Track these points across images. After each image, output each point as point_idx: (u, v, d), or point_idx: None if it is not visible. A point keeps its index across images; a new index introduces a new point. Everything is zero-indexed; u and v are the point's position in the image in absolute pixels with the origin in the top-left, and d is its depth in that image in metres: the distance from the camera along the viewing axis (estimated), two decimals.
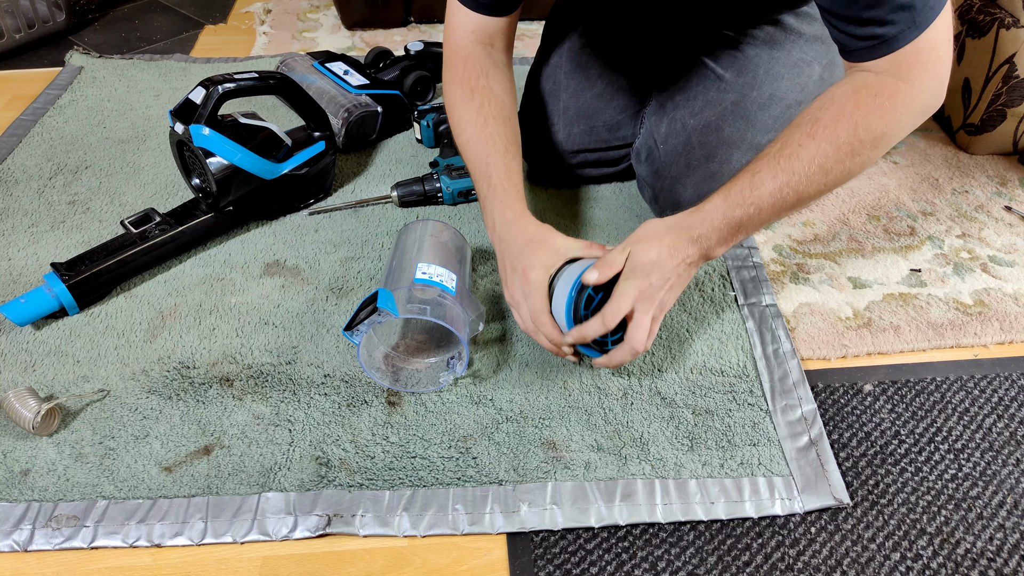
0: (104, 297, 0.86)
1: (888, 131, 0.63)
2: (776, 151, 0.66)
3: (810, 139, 0.64)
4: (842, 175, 0.65)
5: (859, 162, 0.65)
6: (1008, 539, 0.64)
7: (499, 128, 0.79)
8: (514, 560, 0.62)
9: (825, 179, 0.65)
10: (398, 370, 0.77)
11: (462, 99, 0.81)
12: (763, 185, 0.65)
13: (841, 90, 0.65)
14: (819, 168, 0.64)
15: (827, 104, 0.65)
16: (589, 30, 0.96)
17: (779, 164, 0.65)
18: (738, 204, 0.66)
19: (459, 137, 0.82)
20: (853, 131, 0.63)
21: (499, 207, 0.76)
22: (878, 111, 0.62)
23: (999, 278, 0.91)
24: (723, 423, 0.72)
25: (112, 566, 0.62)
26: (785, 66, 0.85)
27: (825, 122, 0.64)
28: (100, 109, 1.22)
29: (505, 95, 0.83)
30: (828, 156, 0.63)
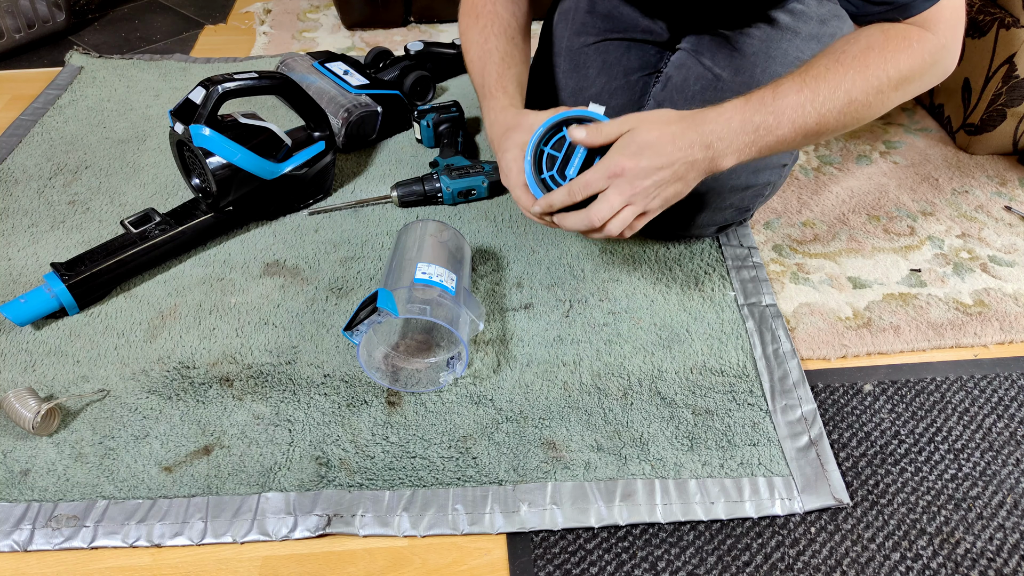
0: (104, 297, 0.86)
1: (912, 75, 0.63)
2: (802, 71, 0.64)
3: (837, 64, 0.63)
4: (864, 110, 0.64)
5: (880, 101, 0.63)
6: (1008, 539, 0.64)
7: (498, 43, 0.82)
8: (514, 560, 0.62)
9: (847, 108, 0.63)
10: (398, 370, 0.77)
11: (469, 25, 0.85)
12: (786, 96, 0.63)
13: (868, 30, 0.64)
14: (844, 94, 0.62)
15: (854, 39, 0.64)
16: (585, 30, 0.96)
17: (804, 81, 0.63)
18: (757, 109, 0.64)
19: (465, 59, 0.85)
20: (882, 66, 0.62)
21: (488, 111, 0.77)
22: (907, 51, 0.62)
23: (999, 278, 0.91)
24: (723, 423, 0.72)
25: (112, 566, 0.62)
26: (782, 65, 0.85)
27: (854, 53, 0.63)
28: (100, 109, 1.22)
29: (511, 17, 0.85)
30: (855, 84, 0.62)
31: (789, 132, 0.64)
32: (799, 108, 0.63)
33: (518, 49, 0.84)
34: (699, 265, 0.91)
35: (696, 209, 0.87)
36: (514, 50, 0.83)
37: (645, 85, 0.97)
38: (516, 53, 0.84)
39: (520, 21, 0.87)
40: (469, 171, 1.01)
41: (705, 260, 0.92)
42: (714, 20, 0.88)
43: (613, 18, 0.95)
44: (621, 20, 0.95)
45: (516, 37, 0.85)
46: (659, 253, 0.93)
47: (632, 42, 0.95)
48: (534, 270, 0.90)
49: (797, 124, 0.63)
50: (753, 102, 0.64)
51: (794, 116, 0.63)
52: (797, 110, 0.63)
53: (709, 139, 0.64)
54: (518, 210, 1.00)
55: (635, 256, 0.92)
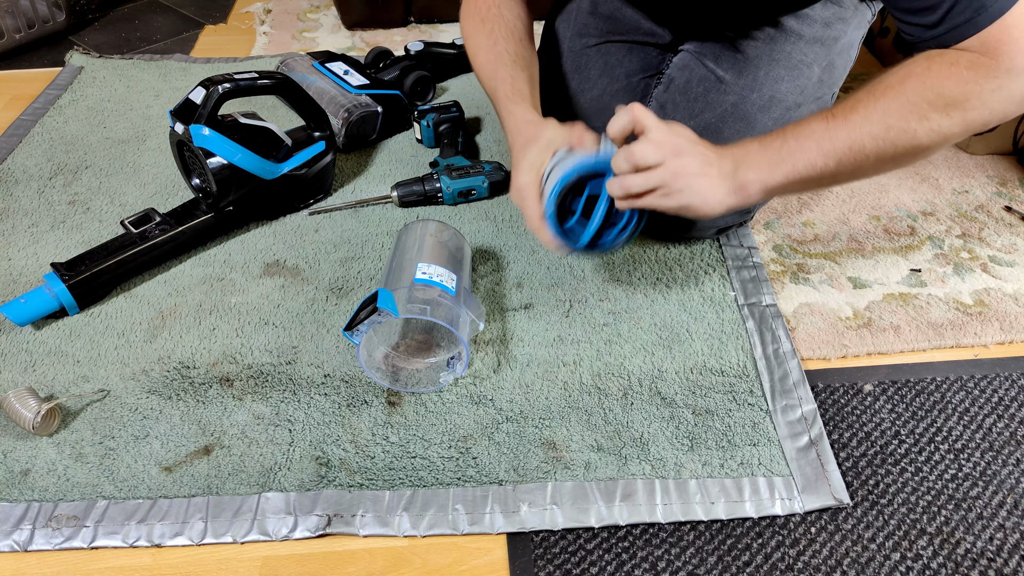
0: (104, 297, 0.86)
1: (965, 99, 0.58)
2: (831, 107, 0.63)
3: (870, 96, 0.61)
4: (906, 135, 0.60)
5: (926, 128, 0.59)
6: (1008, 539, 0.64)
7: (508, 46, 0.83)
8: (514, 560, 0.62)
9: (885, 134, 0.60)
10: (398, 370, 0.77)
11: (475, 29, 0.85)
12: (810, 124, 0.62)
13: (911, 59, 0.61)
14: (879, 120, 0.60)
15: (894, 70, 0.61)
16: (587, 31, 0.96)
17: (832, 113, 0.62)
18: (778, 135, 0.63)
19: (474, 64, 0.86)
20: (921, 92, 0.59)
21: (505, 116, 0.78)
22: (953, 77, 0.58)
23: (999, 278, 0.91)
24: (723, 423, 0.72)
25: (112, 566, 0.62)
26: (785, 68, 0.85)
27: (889, 83, 0.60)
28: (100, 109, 1.22)
29: (516, 20, 0.86)
30: (889, 111, 0.59)
31: (816, 155, 0.62)
32: (825, 133, 0.62)
33: (527, 51, 0.85)
34: (699, 265, 0.91)
35: None
36: (524, 52, 0.84)
37: (647, 87, 0.97)
38: (526, 55, 0.84)
39: (525, 23, 0.88)
40: (469, 171, 1.01)
41: (705, 260, 0.92)
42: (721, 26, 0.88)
43: (615, 20, 0.95)
44: (623, 22, 0.95)
45: (524, 39, 0.85)
46: (659, 253, 0.93)
47: (634, 44, 0.95)
48: (534, 270, 0.90)
49: (824, 148, 0.62)
50: (774, 133, 0.64)
51: (820, 140, 0.62)
52: (823, 134, 0.62)
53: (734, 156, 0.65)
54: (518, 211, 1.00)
55: (635, 256, 0.92)
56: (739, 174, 0.64)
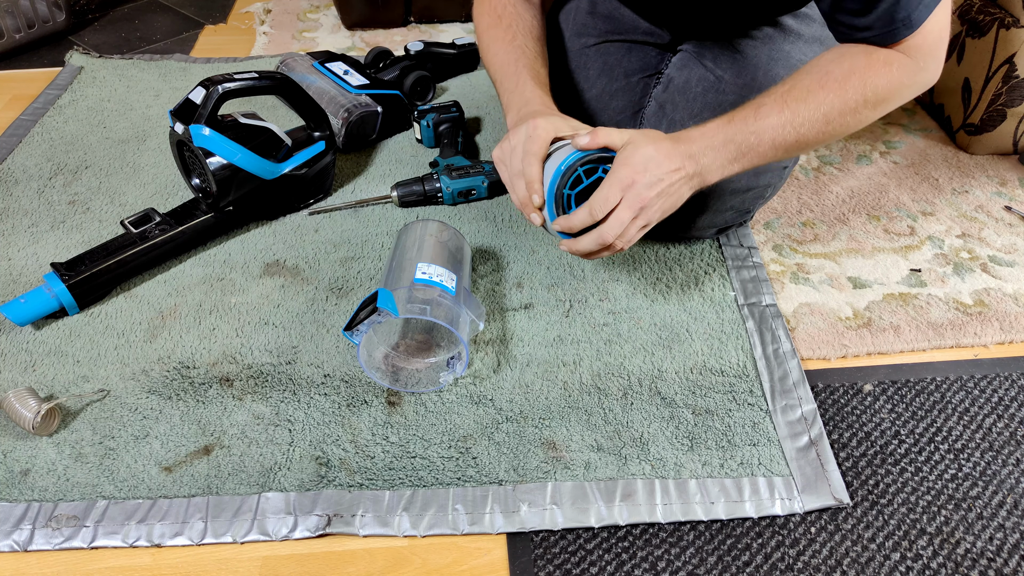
0: (104, 297, 0.86)
1: (890, 96, 0.67)
2: (784, 91, 0.68)
3: (820, 87, 0.67)
4: (841, 128, 0.68)
5: (858, 119, 0.68)
6: (1008, 539, 0.64)
7: (527, 41, 0.83)
8: (514, 560, 0.62)
9: (825, 128, 0.67)
10: (398, 370, 0.77)
11: (492, 23, 0.85)
12: (767, 117, 0.67)
13: (853, 50, 0.67)
14: (822, 116, 0.67)
15: (839, 59, 0.67)
16: (586, 31, 0.96)
17: (785, 103, 0.67)
18: (739, 129, 0.68)
19: (487, 55, 0.85)
20: (860, 90, 0.66)
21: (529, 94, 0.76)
22: (886, 76, 0.66)
23: (999, 278, 0.91)
24: (723, 423, 0.72)
25: (112, 566, 0.62)
26: (784, 68, 0.85)
27: (836, 75, 0.66)
28: (100, 109, 1.22)
29: (532, 19, 0.87)
30: (833, 107, 0.66)
31: (769, 150, 0.68)
32: (779, 128, 0.67)
33: (543, 50, 0.86)
34: (699, 265, 0.91)
35: (697, 211, 0.87)
36: (542, 50, 0.85)
37: (646, 87, 0.97)
38: (543, 53, 0.85)
39: (541, 25, 0.88)
40: (469, 171, 1.01)
41: (705, 260, 0.92)
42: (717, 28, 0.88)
43: (614, 20, 0.95)
44: (622, 22, 0.95)
45: (541, 39, 0.86)
46: (659, 253, 0.93)
47: (633, 43, 0.95)
48: (534, 270, 0.90)
49: (777, 142, 0.68)
50: (736, 122, 0.68)
51: (774, 135, 0.67)
52: (777, 130, 0.67)
53: (694, 152, 0.67)
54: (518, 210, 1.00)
55: (635, 256, 0.92)
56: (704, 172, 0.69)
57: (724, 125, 0.68)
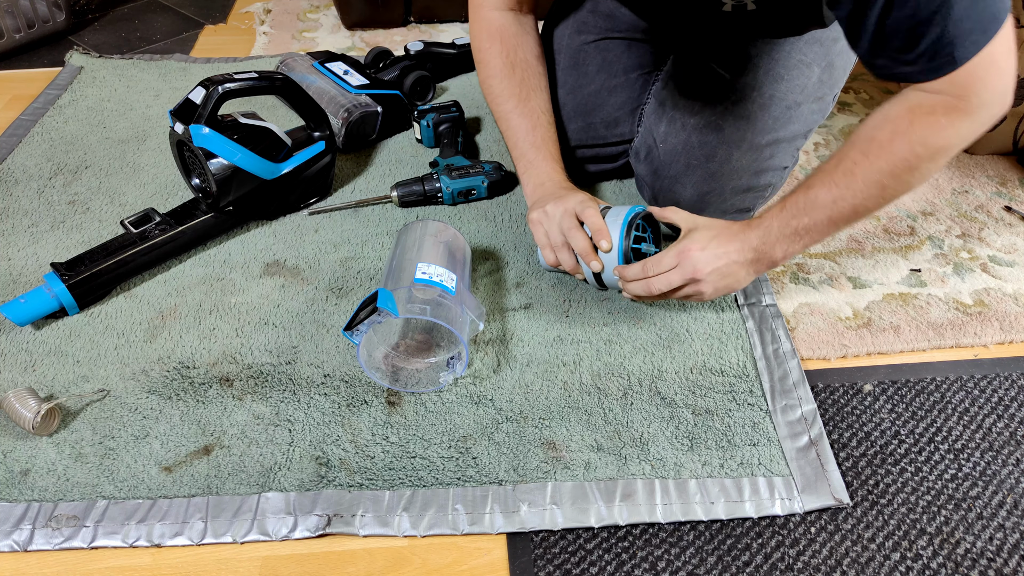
0: (104, 297, 0.86)
1: (947, 144, 0.63)
2: (831, 168, 0.68)
3: (864, 157, 0.65)
4: (900, 188, 0.66)
5: (918, 175, 0.65)
6: (1008, 539, 0.64)
7: (540, 101, 0.88)
8: (514, 560, 0.62)
9: (883, 193, 0.66)
10: (398, 370, 0.77)
11: (503, 72, 0.88)
12: (817, 197, 0.68)
13: (895, 109, 0.64)
14: (875, 184, 0.65)
15: (881, 124, 0.65)
16: (586, 28, 0.96)
17: (833, 179, 0.67)
18: (792, 215, 0.70)
19: (500, 106, 0.88)
20: (909, 148, 0.63)
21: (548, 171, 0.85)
22: (934, 127, 0.62)
23: (999, 278, 0.91)
24: (723, 423, 0.72)
25: (112, 566, 0.62)
26: (785, 67, 0.85)
27: (880, 141, 0.64)
28: (100, 109, 1.22)
29: (539, 64, 0.90)
30: (883, 172, 0.64)
31: (829, 226, 0.69)
32: (832, 205, 0.67)
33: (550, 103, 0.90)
34: None
35: (698, 211, 0.87)
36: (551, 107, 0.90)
37: (645, 83, 0.97)
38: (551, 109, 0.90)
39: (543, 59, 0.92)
40: (469, 171, 1.01)
41: None
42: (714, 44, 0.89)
43: (614, 17, 0.95)
44: (622, 19, 0.95)
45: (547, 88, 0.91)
46: None
47: (633, 41, 0.95)
48: (534, 270, 0.90)
49: (835, 218, 0.68)
50: (788, 208, 0.70)
51: (830, 213, 0.68)
52: (831, 207, 0.67)
53: (755, 244, 0.72)
54: (518, 210, 1.00)
55: None
56: (766, 257, 0.72)
57: (778, 212, 0.71)
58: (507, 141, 0.89)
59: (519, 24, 0.89)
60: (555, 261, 0.80)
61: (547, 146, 0.86)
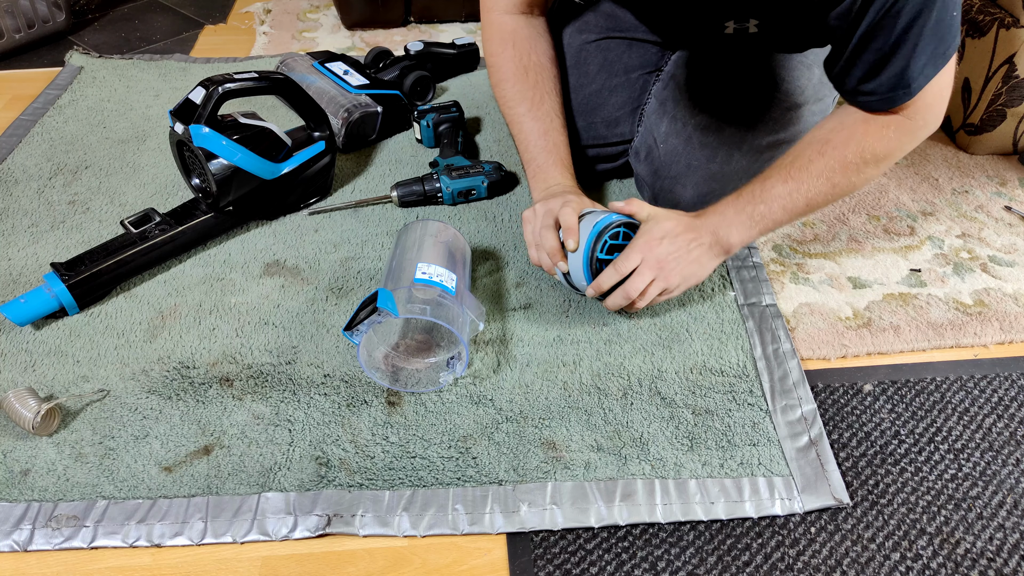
0: (104, 297, 0.86)
1: (891, 154, 0.73)
2: (788, 163, 0.75)
3: (819, 156, 0.73)
4: (847, 187, 0.74)
5: (863, 177, 0.74)
6: (1008, 539, 0.64)
7: (554, 105, 0.88)
8: (514, 560, 0.62)
9: (832, 190, 0.74)
10: (398, 370, 0.77)
11: (516, 76, 0.88)
12: (773, 188, 0.74)
13: (852, 117, 0.73)
14: (826, 181, 0.73)
15: (838, 127, 0.74)
16: (587, 27, 0.96)
17: (789, 173, 0.74)
18: (748, 201, 0.75)
19: (512, 109, 0.88)
20: (859, 153, 0.72)
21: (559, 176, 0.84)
22: (884, 139, 0.72)
23: (999, 278, 0.91)
24: (723, 423, 0.72)
25: (112, 566, 0.62)
26: (786, 69, 0.85)
27: (835, 143, 0.73)
28: (100, 109, 1.22)
29: (553, 67, 0.90)
30: (835, 171, 0.73)
31: (783, 214, 0.75)
32: (787, 196, 0.74)
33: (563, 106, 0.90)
34: None
35: None
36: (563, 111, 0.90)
37: (645, 83, 0.97)
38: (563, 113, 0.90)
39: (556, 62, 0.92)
40: (469, 171, 1.01)
41: None
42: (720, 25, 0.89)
43: (616, 17, 0.95)
44: (623, 19, 0.95)
45: (560, 91, 0.91)
46: None
47: (634, 41, 0.95)
48: (534, 270, 0.90)
49: (788, 207, 0.75)
50: (744, 196, 0.76)
51: (784, 202, 0.74)
52: (785, 198, 0.74)
53: (713, 228, 0.76)
54: (518, 210, 1.00)
55: None
56: (723, 240, 0.76)
57: (733, 200, 0.76)
58: (518, 144, 0.89)
59: (531, 27, 0.88)
60: (537, 260, 0.80)
61: (558, 151, 0.86)
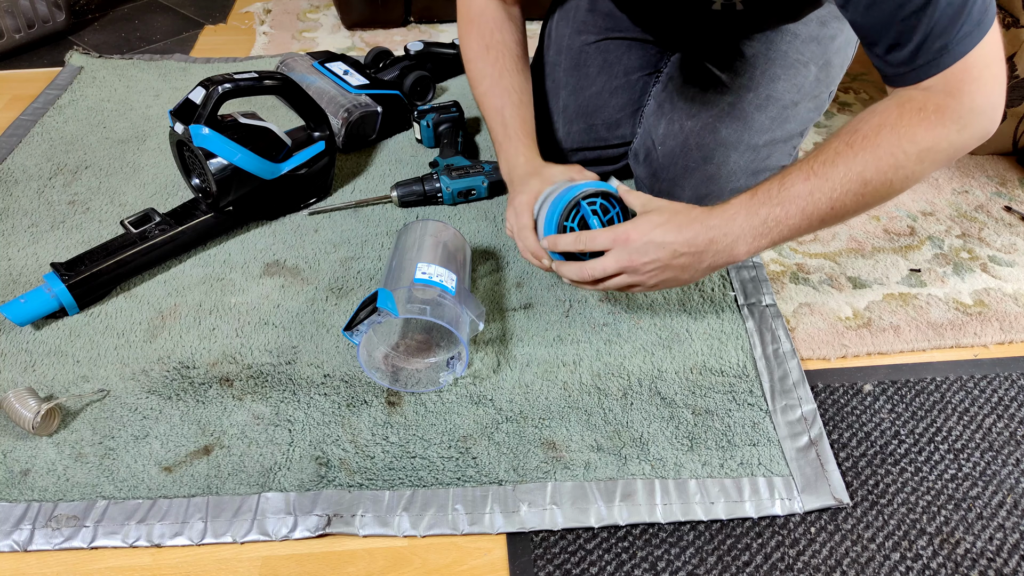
0: (104, 297, 0.86)
1: (935, 145, 0.60)
2: (810, 158, 0.63)
3: (848, 148, 0.61)
4: (883, 187, 0.61)
5: (902, 175, 0.61)
6: (1008, 539, 0.64)
7: (514, 80, 0.85)
8: (514, 560, 0.62)
9: (864, 190, 0.61)
10: (398, 370, 0.77)
11: (478, 54, 0.87)
12: (792, 186, 0.63)
13: (884, 104, 0.62)
14: (857, 177, 0.61)
15: (868, 116, 0.62)
16: (586, 28, 0.96)
17: (812, 168, 0.62)
18: (763, 203, 0.64)
19: (476, 89, 0.87)
20: (896, 143, 0.60)
21: (513, 153, 0.82)
22: (923, 124, 0.59)
23: (999, 278, 0.91)
24: (723, 423, 0.72)
25: (112, 566, 0.62)
26: (782, 67, 0.85)
27: (865, 132, 0.61)
28: (100, 109, 1.22)
29: (518, 47, 0.88)
30: (867, 166, 0.60)
31: (801, 220, 0.63)
32: (808, 196, 0.62)
33: (529, 83, 0.87)
34: None
35: None
36: (527, 86, 0.87)
37: (645, 85, 0.97)
38: (528, 89, 0.87)
39: (524, 50, 0.89)
40: (469, 171, 1.01)
41: None
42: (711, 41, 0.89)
43: (614, 17, 0.95)
44: (622, 20, 0.95)
45: (525, 70, 0.88)
46: None
47: (633, 41, 0.95)
48: (534, 270, 0.90)
49: (808, 212, 0.62)
50: (759, 196, 0.64)
51: (803, 205, 0.62)
52: (806, 198, 0.62)
53: (713, 235, 0.65)
54: None
55: None
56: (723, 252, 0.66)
57: (747, 201, 0.65)
58: (486, 124, 0.87)
59: (502, 12, 0.87)
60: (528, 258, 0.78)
61: (515, 124, 0.82)
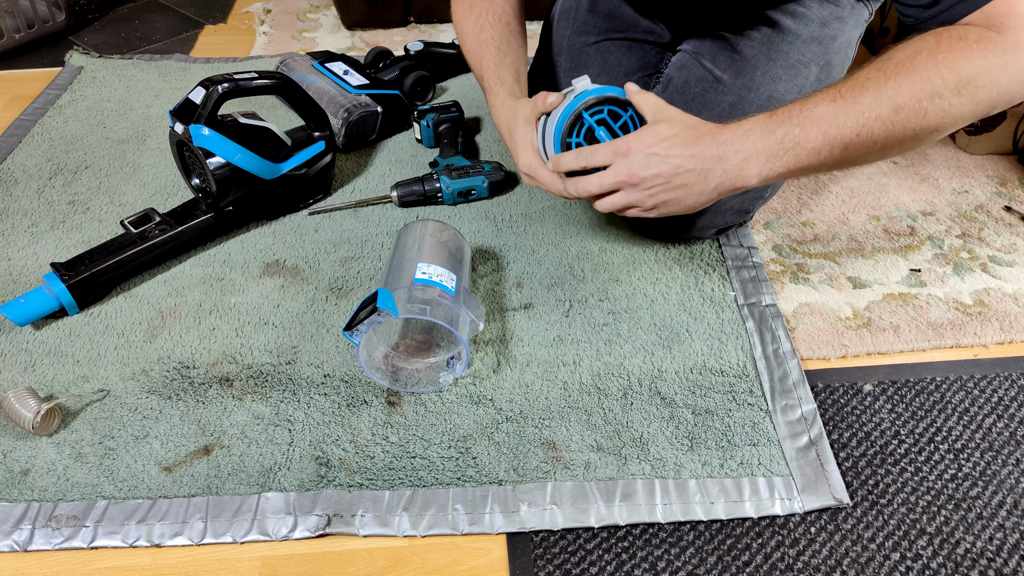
0: (104, 297, 0.86)
1: (975, 78, 0.55)
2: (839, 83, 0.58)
3: (880, 73, 0.56)
4: (916, 117, 0.56)
5: (938, 107, 0.55)
6: (1008, 539, 0.64)
7: (493, 32, 0.84)
8: (514, 560, 0.62)
9: (895, 117, 0.56)
10: (398, 370, 0.77)
11: (463, 15, 0.87)
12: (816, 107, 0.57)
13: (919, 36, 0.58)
14: (888, 101, 0.55)
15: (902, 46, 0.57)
16: (586, 29, 0.96)
17: (839, 91, 0.57)
18: (782, 121, 0.58)
19: (463, 49, 0.88)
20: (933, 67, 0.55)
21: (492, 101, 0.81)
22: (964, 51, 0.54)
23: (999, 278, 0.91)
24: (723, 423, 0.72)
25: (112, 566, 0.62)
26: (783, 68, 0.85)
27: (899, 60, 0.56)
28: (100, 109, 1.22)
29: (504, 3, 0.86)
30: (900, 90, 0.55)
31: (822, 145, 0.58)
32: (832, 119, 0.57)
33: (514, 35, 0.85)
34: (699, 265, 0.91)
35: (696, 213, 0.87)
36: (510, 36, 0.84)
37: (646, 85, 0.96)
38: (512, 39, 0.84)
39: (513, 7, 0.88)
40: (469, 171, 1.01)
41: (705, 260, 0.92)
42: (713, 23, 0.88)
43: (614, 18, 0.95)
44: (622, 20, 0.95)
45: (512, 23, 0.86)
46: (659, 253, 0.93)
47: (633, 42, 0.95)
48: (534, 270, 0.90)
49: (831, 136, 0.58)
50: (778, 115, 0.60)
51: (826, 127, 0.57)
52: (830, 120, 0.57)
53: (723, 150, 0.60)
54: (518, 210, 1.00)
55: (635, 256, 0.92)
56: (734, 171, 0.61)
57: (764, 118, 0.59)
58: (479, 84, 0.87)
59: None
60: None
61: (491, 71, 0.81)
